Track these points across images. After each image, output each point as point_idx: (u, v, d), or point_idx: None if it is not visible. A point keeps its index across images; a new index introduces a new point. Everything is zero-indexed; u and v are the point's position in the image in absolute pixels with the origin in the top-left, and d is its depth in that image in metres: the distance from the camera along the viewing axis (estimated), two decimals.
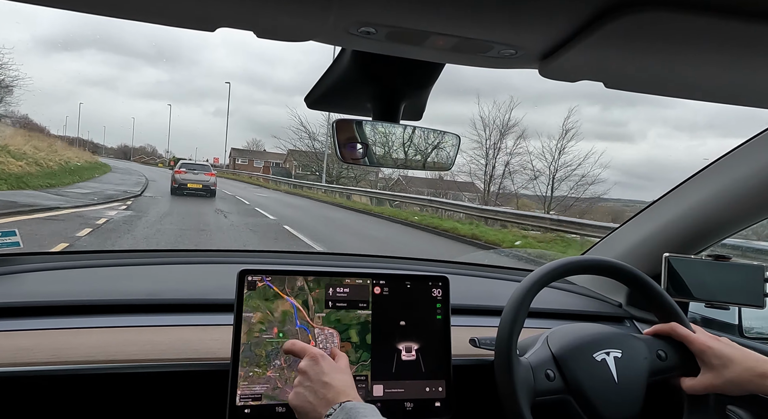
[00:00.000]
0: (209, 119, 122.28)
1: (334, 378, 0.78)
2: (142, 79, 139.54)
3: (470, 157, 24.12)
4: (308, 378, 0.79)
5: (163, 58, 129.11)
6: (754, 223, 1.23)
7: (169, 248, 6.83)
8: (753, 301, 1.11)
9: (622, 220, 1.56)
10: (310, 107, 0.88)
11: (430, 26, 0.51)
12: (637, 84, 0.63)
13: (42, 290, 1.09)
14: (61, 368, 0.88)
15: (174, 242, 7.59)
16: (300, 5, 0.47)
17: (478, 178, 24.77)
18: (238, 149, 58.26)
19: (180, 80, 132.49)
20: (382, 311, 0.98)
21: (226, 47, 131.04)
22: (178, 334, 1.01)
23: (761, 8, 0.44)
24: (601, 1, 0.44)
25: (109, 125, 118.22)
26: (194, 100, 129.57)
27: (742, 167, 1.14)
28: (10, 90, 26.75)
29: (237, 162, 56.64)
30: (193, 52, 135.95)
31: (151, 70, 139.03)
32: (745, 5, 0.43)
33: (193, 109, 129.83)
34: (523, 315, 0.94)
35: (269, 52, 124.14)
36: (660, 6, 0.43)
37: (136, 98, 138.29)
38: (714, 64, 0.54)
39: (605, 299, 1.47)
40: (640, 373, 0.95)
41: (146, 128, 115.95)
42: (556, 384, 0.93)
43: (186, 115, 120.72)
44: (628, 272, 1.02)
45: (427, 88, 0.80)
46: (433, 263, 1.63)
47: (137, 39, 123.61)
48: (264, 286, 0.94)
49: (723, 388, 0.92)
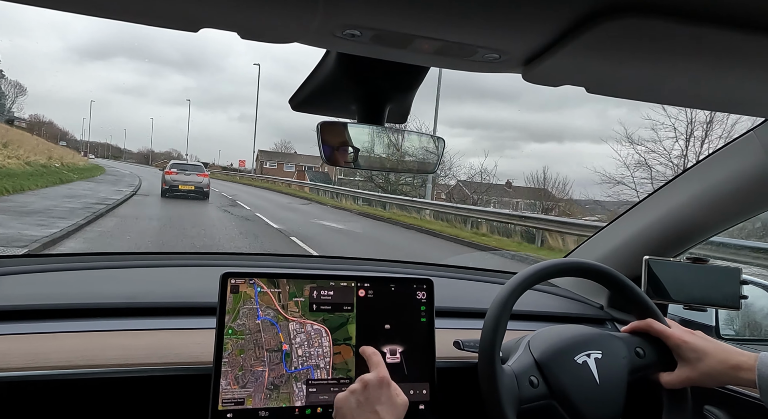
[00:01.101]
0: (234, 124, 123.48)
1: (386, 412, 0.79)
2: (171, 86, 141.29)
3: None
4: (365, 395, 0.80)
5: (191, 65, 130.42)
6: (730, 226, 1.26)
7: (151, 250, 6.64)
8: (729, 303, 1.14)
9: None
10: (295, 109, 0.88)
11: (415, 30, 0.51)
12: (618, 90, 0.64)
13: (17, 293, 1.07)
14: (37, 373, 0.86)
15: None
16: (284, 7, 0.47)
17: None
18: (266, 151, 50.80)
19: (206, 87, 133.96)
20: (367, 314, 0.98)
21: (251, 54, 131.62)
22: (158, 338, 0.99)
23: (741, 17, 0.45)
24: (583, 8, 0.45)
25: (135, 130, 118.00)
26: (219, 106, 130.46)
27: (717, 173, 1.16)
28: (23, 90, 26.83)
29: (265, 166, 49.76)
30: (219, 58, 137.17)
31: (179, 77, 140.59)
32: (726, 14, 0.44)
33: (218, 115, 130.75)
34: (507, 318, 0.95)
35: (293, 57, 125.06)
36: (642, 13, 0.44)
37: (164, 105, 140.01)
38: (695, 71, 0.56)
39: (587, 301, 1.48)
40: (621, 372, 0.97)
41: (172, 134, 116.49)
42: (540, 391, 0.93)
43: (211, 120, 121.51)
44: (608, 274, 1.04)
45: (411, 91, 0.80)
46: (418, 266, 1.64)
47: (166, 48, 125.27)
48: (247, 289, 0.93)
49: (699, 381, 0.94)
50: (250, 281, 0.93)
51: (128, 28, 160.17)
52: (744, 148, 1.10)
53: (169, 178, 16.52)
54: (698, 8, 0.44)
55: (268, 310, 0.93)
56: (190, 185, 16.38)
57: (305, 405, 0.92)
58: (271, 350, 0.92)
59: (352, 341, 0.96)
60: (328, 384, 0.93)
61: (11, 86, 46.57)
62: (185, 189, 16.28)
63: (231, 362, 0.89)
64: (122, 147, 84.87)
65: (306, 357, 0.93)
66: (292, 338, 0.93)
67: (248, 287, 0.93)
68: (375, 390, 0.81)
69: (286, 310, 0.94)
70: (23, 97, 34.19)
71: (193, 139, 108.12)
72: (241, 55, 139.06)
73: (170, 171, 16.87)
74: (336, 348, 0.95)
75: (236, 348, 0.90)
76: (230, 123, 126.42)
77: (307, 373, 0.93)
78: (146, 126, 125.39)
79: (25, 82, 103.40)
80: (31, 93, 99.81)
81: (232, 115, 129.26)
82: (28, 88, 45.15)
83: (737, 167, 1.12)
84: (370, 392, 0.80)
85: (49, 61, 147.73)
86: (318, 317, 0.95)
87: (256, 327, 0.92)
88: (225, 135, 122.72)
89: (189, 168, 17.27)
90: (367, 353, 0.89)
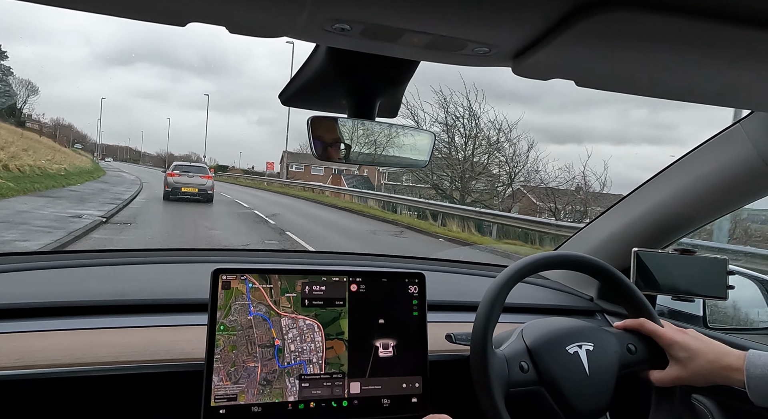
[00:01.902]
0: (253, 127, 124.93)
1: None
2: (191, 90, 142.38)
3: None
4: None
5: (211, 69, 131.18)
6: (718, 217, 1.28)
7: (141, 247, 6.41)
8: (716, 293, 1.16)
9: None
10: (285, 103, 0.87)
11: (404, 23, 0.51)
12: (608, 83, 0.65)
13: (7, 291, 1.05)
14: (26, 372, 0.85)
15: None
16: (273, 1, 0.46)
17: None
18: (293, 153, 44.86)
19: (226, 91, 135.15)
20: (359, 309, 0.98)
21: (269, 58, 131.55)
22: (150, 335, 0.99)
23: (729, 9, 0.45)
24: (572, 0, 0.45)
25: (155, 133, 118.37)
26: (239, 110, 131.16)
27: (704, 165, 1.18)
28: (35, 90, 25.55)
29: (291, 169, 42.10)
30: (239, 63, 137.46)
31: (199, 82, 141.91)
32: (713, 7, 0.45)
33: (237, 118, 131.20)
34: (498, 310, 0.95)
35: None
36: (630, 6, 0.44)
37: (184, 109, 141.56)
38: (683, 63, 0.56)
39: (577, 293, 1.50)
40: (611, 366, 0.98)
41: (192, 137, 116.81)
42: (529, 376, 0.94)
43: (230, 124, 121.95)
44: (598, 266, 1.05)
45: (402, 86, 0.80)
46: (410, 260, 1.64)
47: (188, 53, 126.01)
48: (239, 285, 0.93)
49: (690, 380, 0.95)
50: (242, 277, 0.93)
51: (152, 35, 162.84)
52: (730, 140, 1.11)
53: (171, 180, 15.93)
54: (686, 1, 0.44)
55: (260, 306, 0.93)
56: (194, 188, 15.78)
57: (298, 400, 0.92)
58: (264, 345, 0.92)
59: (344, 335, 0.96)
60: (321, 379, 0.94)
61: (22, 86, 44.38)
62: (188, 192, 15.70)
63: (223, 358, 0.89)
64: (141, 150, 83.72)
65: (298, 352, 0.93)
66: (284, 333, 0.93)
67: (240, 283, 0.93)
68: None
69: (278, 305, 0.94)
70: (35, 97, 32.84)
71: (212, 142, 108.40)
72: (262, 58, 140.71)
73: (173, 173, 16.29)
74: (328, 343, 0.95)
75: (228, 344, 0.90)
76: (249, 126, 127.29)
77: (299, 368, 0.93)
78: (166, 129, 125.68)
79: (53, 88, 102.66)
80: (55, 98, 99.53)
81: (251, 118, 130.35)
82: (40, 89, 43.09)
83: (723, 159, 1.13)
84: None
85: (76, 68, 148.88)
86: (310, 312, 0.95)
87: (248, 322, 0.92)
88: (244, 138, 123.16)
89: (192, 170, 16.62)
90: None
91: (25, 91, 42.23)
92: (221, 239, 9.38)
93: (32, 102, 24.13)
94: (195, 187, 15.81)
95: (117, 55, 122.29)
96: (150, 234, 9.33)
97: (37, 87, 24.65)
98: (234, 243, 8.98)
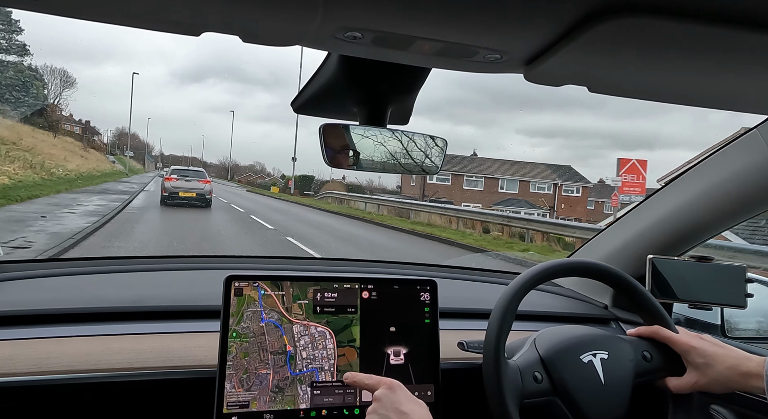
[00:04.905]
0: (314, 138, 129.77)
1: (412, 408, 0.79)
2: (257, 103, 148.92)
3: None
4: (384, 406, 0.80)
5: (278, 83, 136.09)
6: (735, 224, 1.26)
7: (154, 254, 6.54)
8: (735, 301, 1.13)
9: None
10: (297, 111, 0.88)
11: (415, 31, 0.51)
12: (620, 89, 0.64)
13: (23, 298, 1.07)
14: (42, 378, 0.86)
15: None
16: (285, 10, 0.47)
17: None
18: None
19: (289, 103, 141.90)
20: (371, 316, 0.98)
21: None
22: (162, 342, 0.99)
23: (741, 15, 0.45)
24: (584, 7, 0.45)
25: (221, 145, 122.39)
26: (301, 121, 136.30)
27: (721, 171, 1.16)
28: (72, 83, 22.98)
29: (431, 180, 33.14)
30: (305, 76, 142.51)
31: (265, 95, 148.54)
32: (726, 12, 0.44)
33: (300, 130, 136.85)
34: (511, 318, 0.94)
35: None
36: (642, 12, 0.44)
37: (250, 122, 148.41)
38: (696, 69, 0.56)
39: (591, 301, 1.48)
40: (626, 374, 0.96)
41: (257, 149, 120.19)
42: (543, 386, 0.93)
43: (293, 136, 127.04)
44: (613, 274, 1.03)
45: (413, 93, 0.80)
46: (421, 267, 1.63)
47: (256, 68, 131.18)
48: (251, 292, 0.93)
49: (708, 387, 0.93)
50: (254, 284, 0.93)
51: (224, 53, 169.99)
52: (748, 145, 1.09)
53: (168, 185, 16.06)
54: (697, 7, 0.44)
55: (272, 313, 0.93)
56: (191, 192, 15.89)
57: (310, 407, 0.91)
58: (276, 352, 0.92)
59: (356, 343, 0.96)
60: (333, 386, 0.93)
61: (55, 75, 36.72)
62: (186, 196, 15.80)
63: (235, 365, 0.89)
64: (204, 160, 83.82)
65: (310, 360, 0.93)
66: (296, 340, 0.93)
67: (252, 290, 0.93)
68: (389, 397, 0.80)
69: (290, 312, 0.94)
70: (70, 90, 28.90)
71: (275, 154, 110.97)
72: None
73: (170, 177, 16.44)
74: (340, 350, 0.95)
75: (240, 351, 0.90)
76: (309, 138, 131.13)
77: (311, 375, 0.93)
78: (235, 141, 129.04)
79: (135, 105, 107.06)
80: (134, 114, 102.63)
81: (312, 130, 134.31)
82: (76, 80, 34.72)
83: (741, 165, 1.11)
84: (385, 402, 0.80)
85: (155, 86, 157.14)
86: (322, 319, 0.95)
87: (260, 329, 0.92)
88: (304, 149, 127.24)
89: (190, 174, 16.81)
90: (355, 381, 0.87)
91: (60, 83, 34.56)
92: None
93: (66, 96, 21.97)
94: (193, 191, 15.90)
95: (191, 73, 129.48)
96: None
97: (74, 79, 22.24)
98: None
